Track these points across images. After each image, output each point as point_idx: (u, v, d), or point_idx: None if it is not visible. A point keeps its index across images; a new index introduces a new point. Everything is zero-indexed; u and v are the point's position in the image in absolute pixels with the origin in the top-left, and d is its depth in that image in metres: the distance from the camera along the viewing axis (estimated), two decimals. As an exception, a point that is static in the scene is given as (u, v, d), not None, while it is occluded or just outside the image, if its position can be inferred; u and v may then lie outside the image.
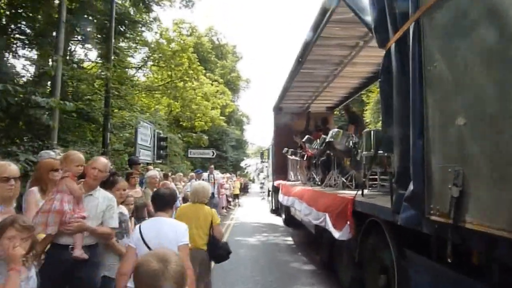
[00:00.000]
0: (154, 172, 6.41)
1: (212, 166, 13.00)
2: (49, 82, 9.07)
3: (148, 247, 2.76)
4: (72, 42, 11.81)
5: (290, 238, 10.99)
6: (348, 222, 4.65)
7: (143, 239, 2.87)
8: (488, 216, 2.09)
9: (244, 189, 32.84)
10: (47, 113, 7.48)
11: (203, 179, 10.19)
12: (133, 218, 4.48)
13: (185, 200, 10.05)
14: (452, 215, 2.36)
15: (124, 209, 4.03)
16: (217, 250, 4.21)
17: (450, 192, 2.40)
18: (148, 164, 9.85)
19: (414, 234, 3.27)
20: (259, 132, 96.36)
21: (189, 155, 17.54)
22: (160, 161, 12.14)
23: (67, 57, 11.93)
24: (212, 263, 4.47)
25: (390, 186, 3.49)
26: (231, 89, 30.77)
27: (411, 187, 2.83)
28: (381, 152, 5.19)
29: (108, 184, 3.78)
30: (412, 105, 2.88)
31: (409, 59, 3.01)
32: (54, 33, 8.75)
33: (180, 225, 3.10)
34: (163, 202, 3.25)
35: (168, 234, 2.93)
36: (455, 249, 2.74)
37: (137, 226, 3.15)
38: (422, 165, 2.75)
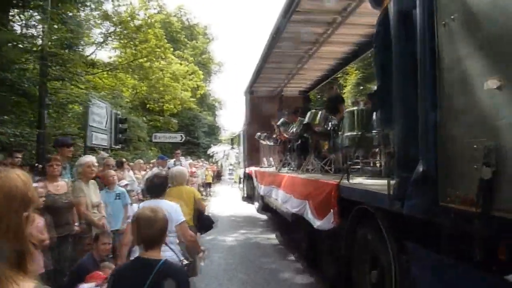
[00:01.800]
0: (89, 159, 4.94)
1: (179, 151, 10.80)
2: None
3: None
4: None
5: (273, 236, 8.98)
6: (332, 211, 4.17)
7: None
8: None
9: (218, 177, 31.67)
10: None
11: (168, 168, 8.63)
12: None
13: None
14: (481, 202, 1.87)
15: None
16: (203, 221, 4.73)
17: (477, 173, 1.91)
18: (104, 149, 8.52)
19: (415, 224, 2.82)
20: (233, 118, 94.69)
21: (154, 140, 15.62)
22: (119, 147, 10.62)
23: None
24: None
25: (386, 167, 3.01)
26: (203, 71, 29.38)
27: (420, 168, 2.33)
28: (364, 131, 4.76)
29: None
30: (421, 70, 2.37)
31: (415, 14, 2.49)
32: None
33: (174, 205, 3.55)
34: (157, 189, 3.68)
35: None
36: (469, 242, 2.30)
37: (138, 205, 3.67)
38: (436, 142, 2.25)
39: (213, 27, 57.11)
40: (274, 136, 9.99)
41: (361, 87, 15.49)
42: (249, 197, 15.12)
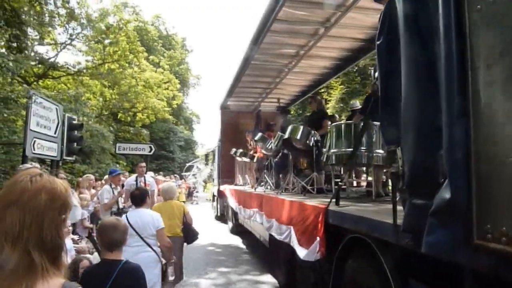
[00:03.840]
0: None
1: (143, 165, 8.12)
2: None
3: (133, 229, 3.81)
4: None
5: (268, 278, 6.58)
6: (318, 239, 3.60)
7: (129, 222, 3.76)
8: None
9: (190, 195, 29.34)
10: None
11: (123, 185, 6.98)
12: None
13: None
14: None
15: None
16: (190, 233, 5.31)
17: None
18: (52, 162, 7.07)
19: (427, 261, 2.28)
20: (210, 133, 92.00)
21: (118, 151, 13.13)
22: (73, 158, 8.89)
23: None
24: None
25: (392, 191, 2.49)
26: (180, 82, 27.96)
27: (445, 194, 1.80)
28: (355, 148, 4.26)
29: None
30: (446, 70, 1.86)
31: (432, 1, 2.01)
32: None
33: (155, 213, 4.20)
34: (138, 200, 4.23)
35: (147, 219, 4.03)
36: None
37: (124, 215, 4.22)
38: (468, 160, 1.73)
39: (190, 39, 56.28)
40: (251, 152, 9.41)
41: (341, 104, 15.12)
42: (222, 216, 14.43)
